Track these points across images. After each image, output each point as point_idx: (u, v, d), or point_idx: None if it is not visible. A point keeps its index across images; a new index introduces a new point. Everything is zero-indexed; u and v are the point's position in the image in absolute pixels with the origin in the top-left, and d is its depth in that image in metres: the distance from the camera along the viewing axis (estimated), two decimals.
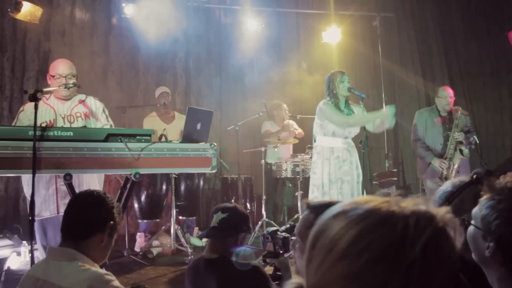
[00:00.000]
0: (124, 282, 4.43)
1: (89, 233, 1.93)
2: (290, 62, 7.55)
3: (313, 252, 0.78)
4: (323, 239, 0.76)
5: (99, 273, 1.83)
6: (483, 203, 1.40)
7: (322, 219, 0.81)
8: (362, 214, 0.75)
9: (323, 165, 4.51)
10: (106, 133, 2.94)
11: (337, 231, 0.75)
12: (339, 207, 0.80)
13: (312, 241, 0.79)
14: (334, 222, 0.77)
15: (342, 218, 0.77)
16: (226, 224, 2.47)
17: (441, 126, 5.53)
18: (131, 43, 6.81)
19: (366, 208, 0.76)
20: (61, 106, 3.89)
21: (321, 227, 0.79)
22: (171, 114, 6.11)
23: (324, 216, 0.81)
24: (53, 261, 1.90)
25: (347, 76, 4.51)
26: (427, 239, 0.71)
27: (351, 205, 0.79)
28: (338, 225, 0.76)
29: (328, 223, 0.78)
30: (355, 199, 0.80)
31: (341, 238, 0.73)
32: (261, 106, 6.31)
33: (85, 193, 2.10)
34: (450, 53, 8.32)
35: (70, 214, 2.01)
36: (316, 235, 0.79)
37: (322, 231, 0.78)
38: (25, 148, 2.71)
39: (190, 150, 3.15)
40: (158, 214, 5.71)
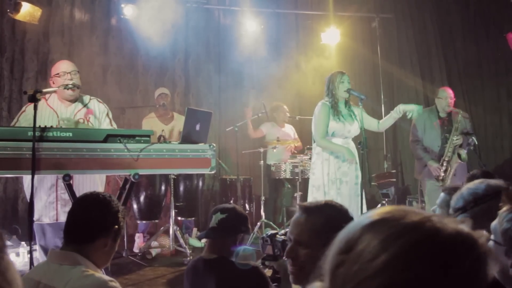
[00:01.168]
0: (123, 283, 4.44)
1: (93, 237, 1.87)
2: (289, 63, 7.55)
3: (346, 257, 0.74)
4: (362, 246, 0.73)
5: (103, 280, 1.76)
6: (503, 215, 1.30)
7: (356, 225, 0.78)
8: (407, 226, 0.73)
9: (322, 165, 4.50)
10: (106, 134, 2.94)
11: (381, 241, 0.72)
12: (378, 214, 0.77)
13: (345, 246, 0.76)
14: (375, 230, 0.74)
15: (386, 227, 0.74)
16: (225, 224, 2.48)
17: (439, 129, 5.53)
18: (131, 44, 6.81)
19: (411, 220, 0.73)
20: (65, 111, 3.85)
21: (356, 233, 0.76)
22: (170, 115, 6.11)
23: (360, 221, 0.78)
24: (55, 265, 1.83)
25: (347, 77, 4.51)
26: (471, 262, 0.70)
27: (394, 214, 0.76)
28: (381, 234, 0.73)
29: (366, 230, 0.75)
30: (394, 209, 0.78)
31: (385, 249, 0.71)
32: (260, 107, 6.32)
33: (90, 196, 2.01)
34: (449, 54, 8.33)
35: (74, 216, 1.94)
36: (350, 240, 0.76)
37: (359, 238, 0.75)
38: (24, 148, 2.71)
39: (189, 151, 3.15)
40: (157, 215, 5.71)
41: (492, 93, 8.33)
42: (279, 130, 6.60)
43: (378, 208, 0.80)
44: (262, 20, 7.35)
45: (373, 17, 8.01)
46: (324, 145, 4.48)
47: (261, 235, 5.88)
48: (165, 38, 6.65)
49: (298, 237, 1.62)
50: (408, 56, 8.23)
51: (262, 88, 7.30)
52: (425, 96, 8.04)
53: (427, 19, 8.29)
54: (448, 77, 8.20)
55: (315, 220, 1.63)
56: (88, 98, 3.99)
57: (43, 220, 3.70)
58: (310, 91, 7.10)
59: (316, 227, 1.60)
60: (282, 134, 6.49)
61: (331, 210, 1.68)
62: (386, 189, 7.03)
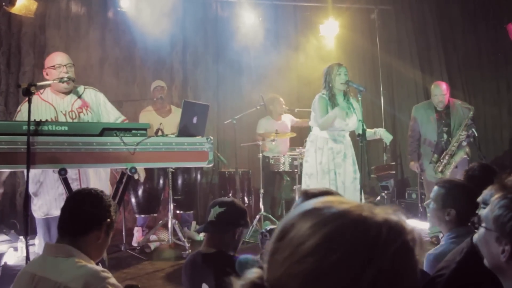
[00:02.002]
0: (121, 277, 4.43)
1: (86, 230, 1.95)
2: (287, 55, 7.51)
3: (280, 244, 0.77)
4: (293, 233, 0.76)
5: (95, 270, 1.83)
6: (494, 202, 1.31)
7: (292, 214, 0.80)
8: (336, 214, 0.75)
9: (316, 154, 4.50)
10: (101, 128, 2.90)
11: (309, 227, 0.74)
12: (311, 204, 0.79)
13: (279, 234, 0.79)
14: (306, 218, 0.76)
15: (315, 215, 0.76)
16: (224, 218, 2.45)
17: (435, 123, 5.52)
18: (128, 37, 6.76)
19: (340, 209, 0.75)
20: (61, 102, 3.79)
21: (291, 221, 0.78)
22: (168, 108, 6.08)
23: (295, 211, 0.80)
24: (50, 257, 1.91)
25: (344, 68, 4.48)
26: (396, 249, 0.71)
27: (325, 203, 0.78)
28: (310, 221, 0.75)
29: (299, 218, 0.77)
30: (328, 199, 0.80)
31: (313, 234, 0.73)
32: (258, 99, 6.28)
33: (83, 191, 2.12)
34: (449, 46, 8.29)
35: (67, 210, 2.02)
36: (285, 228, 0.78)
37: (292, 225, 0.77)
38: (19, 143, 2.67)
39: (186, 144, 3.12)
40: (155, 208, 5.69)
41: (492, 84, 8.30)
42: (276, 124, 6.54)
43: (315, 199, 0.82)
44: (260, 12, 7.30)
45: (372, 8, 7.96)
46: (322, 123, 4.44)
47: (260, 229, 5.89)
48: (163, 31, 6.61)
49: None
50: (407, 48, 8.19)
51: (260, 80, 7.26)
52: (424, 88, 8.01)
53: (426, 11, 8.25)
54: (447, 69, 8.17)
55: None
56: (82, 88, 3.94)
57: (53, 213, 3.66)
58: (308, 83, 7.07)
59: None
60: (280, 127, 6.45)
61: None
62: (385, 181, 7.02)
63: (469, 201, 2.50)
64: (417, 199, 6.88)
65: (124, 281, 4.32)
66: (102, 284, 1.77)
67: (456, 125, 5.45)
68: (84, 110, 3.83)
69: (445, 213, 2.48)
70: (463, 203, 2.46)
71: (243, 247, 5.12)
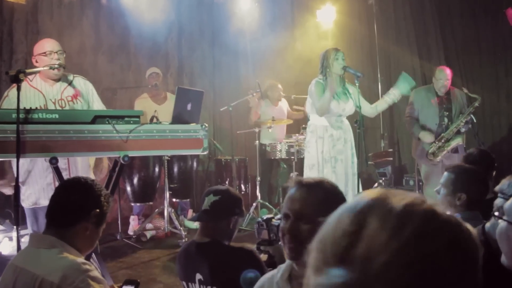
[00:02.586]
0: (117, 266, 4.40)
1: (72, 221, 1.85)
2: (284, 41, 7.42)
3: (357, 236, 0.65)
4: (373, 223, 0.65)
5: (76, 262, 1.74)
6: None
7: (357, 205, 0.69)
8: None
9: (317, 144, 4.45)
10: (93, 115, 2.84)
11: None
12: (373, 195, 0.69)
13: (352, 226, 0.67)
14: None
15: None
16: (218, 207, 2.40)
17: (437, 107, 5.46)
18: (122, 23, 6.65)
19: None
20: (50, 90, 3.71)
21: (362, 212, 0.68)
22: (163, 95, 6.01)
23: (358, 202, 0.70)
24: (33, 249, 1.83)
25: (342, 53, 4.41)
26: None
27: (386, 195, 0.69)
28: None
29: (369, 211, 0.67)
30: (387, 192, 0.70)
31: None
32: (254, 86, 6.23)
33: (72, 180, 2.03)
34: (447, 31, 8.20)
35: (54, 200, 1.93)
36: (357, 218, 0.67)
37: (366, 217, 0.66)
38: (8, 131, 2.60)
39: (180, 131, 3.06)
40: (151, 196, 5.65)
41: (490, 70, 8.23)
42: (274, 109, 6.50)
43: (373, 189, 0.72)
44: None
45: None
46: (320, 106, 4.36)
47: (257, 217, 5.86)
48: (157, 17, 6.52)
49: (300, 212, 1.55)
50: (405, 34, 8.11)
51: (257, 66, 7.18)
52: (422, 74, 7.95)
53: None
54: (445, 55, 8.10)
55: (317, 195, 1.57)
56: (72, 76, 3.86)
57: (41, 203, 3.62)
58: (305, 69, 6.99)
59: (319, 201, 1.55)
60: (277, 113, 6.40)
61: (329, 186, 1.63)
62: (383, 168, 6.99)
63: (479, 185, 2.50)
64: (414, 186, 6.85)
65: (119, 270, 4.30)
66: (81, 277, 1.68)
67: (457, 111, 5.39)
68: (74, 99, 3.76)
69: (455, 198, 2.49)
70: (474, 188, 2.48)
71: (240, 235, 5.10)
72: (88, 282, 1.69)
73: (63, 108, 3.70)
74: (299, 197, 1.59)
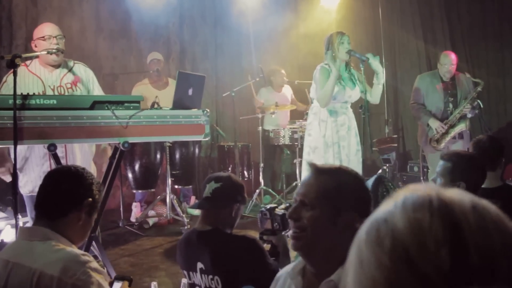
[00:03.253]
0: (119, 253, 4.38)
1: (64, 211, 1.78)
2: (288, 25, 7.32)
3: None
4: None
5: (75, 253, 1.69)
6: None
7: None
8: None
9: (319, 126, 4.31)
10: (92, 101, 2.78)
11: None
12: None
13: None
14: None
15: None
16: (220, 194, 2.34)
17: (442, 92, 5.38)
18: (122, 8, 6.56)
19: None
20: (49, 76, 3.64)
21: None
22: (164, 81, 5.94)
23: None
24: (24, 242, 1.75)
25: (347, 37, 4.29)
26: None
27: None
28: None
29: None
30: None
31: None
32: (257, 71, 6.15)
33: (61, 169, 1.96)
34: (453, 15, 8.07)
35: (44, 190, 1.86)
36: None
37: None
38: (5, 118, 2.55)
39: (182, 117, 3.00)
40: (153, 183, 5.59)
41: (497, 55, 8.10)
42: (276, 95, 6.44)
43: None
44: None
45: None
46: (324, 93, 4.19)
47: (260, 203, 5.82)
48: (158, 2, 6.43)
49: (303, 197, 1.48)
50: (411, 18, 7.98)
51: (260, 51, 7.09)
52: (427, 59, 7.84)
53: None
54: (451, 40, 7.97)
55: (326, 182, 1.49)
56: (72, 63, 3.79)
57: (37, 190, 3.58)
58: (309, 54, 6.90)
59: (326, 189, 1.47)
60: (280, 99, 6.33)
61: (345, 175, 1.54)
62: (387, 154, 6.93)
63: (478, 172, 2.43)
64: (419, 172, 6.79)
65: (122, 257, 4.27)
66: (82, 269, 1.63)
67: (462, 97, 5.31)
68: (73, 86, 3.69)
69: (454, 187, 2.41)
70: (472, 175, 2.40)
71: (243, 222, 5.06)
72: (90, 274, 1.64)
73: (62, 94, 3.64)
74: (307, 181, 1.53)
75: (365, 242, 0.58)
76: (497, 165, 2.90)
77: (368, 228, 0.59)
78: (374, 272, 0.55)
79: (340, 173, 1.54)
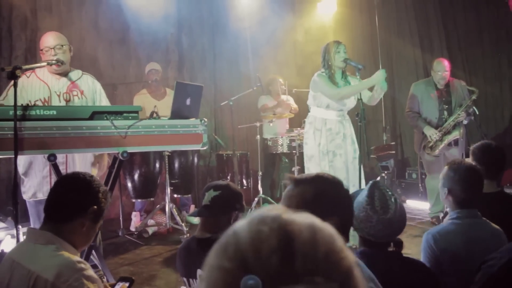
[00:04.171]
0: (119, 262, 4.38)
1: (69, 216, 1.85)
2: (285, 34, 7.38)
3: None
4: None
5: (71, 260, 1.73)
6: None
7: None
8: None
9: (314, 135, 4.41)
10: (91, 111, 2.81)
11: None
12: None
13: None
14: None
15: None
16: (219, 202, 2.37)
17: (436, 100, 5.42)
18: (121, 19, 6.61)
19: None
20: (56, 83, 3.71)
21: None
22: (162, 91, 5.98)
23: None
24: (29, 244, 1.82)
25: (343, 46, 4.36)
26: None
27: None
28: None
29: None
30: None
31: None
32: (255, 80, 6.19)
33: (71, 175, 2.01)
34: (449, 22, 8.14)
35: (52, 195, 1.92)
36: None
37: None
38: (6, 128, 2.58)
39: (180, 126, 3.03)
40: (152, 192, 5.62)
41: (493, 61, 8.16)
42: (275, 104, 6.48)
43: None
44: None
45: None
46: (346, 92, 4.28)
47: None
48: (157, 11, 6.47)
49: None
50: (407, 25, 8.05)
51: (258, 59, 7.14)
52: (424, 67, 7.90)
53: None
54: (447, 47, 8.04)
55: (305, 191, 1.53)
56: (80, 73, 3.86)
57: (38, 196, 3.63)
58: (306, 63, 6.96)
59: (305, 198, 1.51)
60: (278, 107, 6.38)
61: (322, 182, 1.58)
62: (385, 161, 6.95)
63: (464, 185, 2.41)
64: (417, 179, 6.82)
65: (121, 266, 4.28)
66: (75, 276, 1.67)
67: (457, 104, 5.35)
68: (79, 93, 3.75)
69: (443, 192, 2.45)
70: (456, 186, 2.41)
71: None
72: (82, 281, 1.68)
73: (67, 101, 3.70)
74: (288, 194, 1.57)
75: (215, 250, 0.67)
76: (499, 174, 2.94)
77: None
78: (217, 274, 0.63)
79: (317, 180, 1.58)
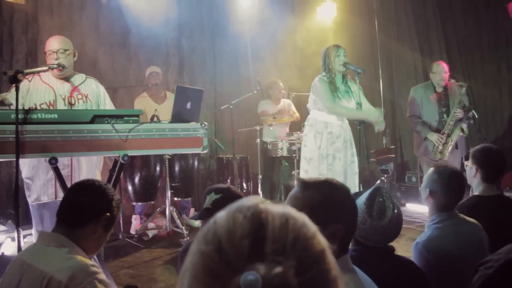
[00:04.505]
0: (119, 265, 4.39)
1: (83, 221, 1.88)
2: (285, 38, 7.40)
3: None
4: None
5: (85, 264, 1.75)
6: None
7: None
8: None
9: (315, 138, 4.40)
10: (92, 115, 2.83)
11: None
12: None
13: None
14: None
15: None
16: (220, 205, 2.35)
17: (436, 103, 5.43)
18: (122, 23, 6.64)
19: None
20: (61, 86, 3.74)
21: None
22: (163, 94, 6.00)
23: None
24: (42, 246, 1.84)
25: (343, 50, 4.38)
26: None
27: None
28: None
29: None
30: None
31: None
32: (255, 84, 6.21)
33: (87, 181, 2.05)
34: (448, 27, 8.17)
35: (67, 199, 1.96)
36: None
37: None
38: (7, 132, 2.60)
39: (180, 130, 3.05)
40: (152, 196, 5.63)
41: (492, 65, 8.20)
42: (275, 108, 6.50)
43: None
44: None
45: None
46: (339, 111, 4.36)
47: None
48: (157, 15, 6.50)
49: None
50: (407, 30, 8.08)
51: (258, 63, 7.16)
52: (424, 71, 7.93)
53: None
54: (447, 51, 8.07)
55: (312, 195, 1.52)
56: (83, 77, 3.89)
57: (42, 199, 3.64)
58: (307, 66, 6.98)
59: (312, 202, 1.50)
60: (278, 111, 6.40)
61: (330, 188, 1.57)
62: (385, 165, 6.97)
63: (446, 189, 2.41)
64: (417, 182, 6.84)
65: (121, 270, 4.29)
66: (89, 279, 1.69)
67: (454, 106, 5.38)
68: (84, 97, 3.78)
69: (425, 192, 2.46)
70: (439, 190, 2.41)
71: None
72: (96, 285, 1.70)
73: (72, 105, 3.72)
74: (294, 195, 1.56)
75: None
76: (499, 178, 2.95)
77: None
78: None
79: (326, 186, 1.57)
